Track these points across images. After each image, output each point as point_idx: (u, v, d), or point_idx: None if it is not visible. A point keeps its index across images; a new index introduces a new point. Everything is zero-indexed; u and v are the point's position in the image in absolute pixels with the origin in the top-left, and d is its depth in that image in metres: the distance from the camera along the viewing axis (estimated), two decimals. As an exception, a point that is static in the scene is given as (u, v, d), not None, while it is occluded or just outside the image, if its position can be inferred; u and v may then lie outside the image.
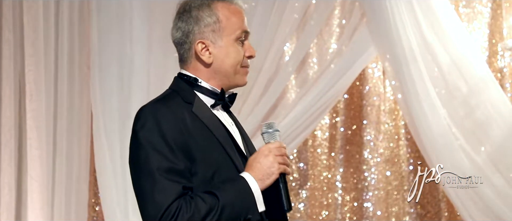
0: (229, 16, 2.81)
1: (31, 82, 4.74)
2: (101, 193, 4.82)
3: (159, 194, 2.62)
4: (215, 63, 2.81)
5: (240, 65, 2.83)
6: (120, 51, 4.83)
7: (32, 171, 4.72)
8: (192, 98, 2.79)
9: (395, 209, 5.19)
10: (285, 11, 4.92)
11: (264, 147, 2.75)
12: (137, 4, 4.83)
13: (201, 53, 2.80)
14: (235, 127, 2.90)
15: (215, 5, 2.81)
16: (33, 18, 4.74)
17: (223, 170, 2.71)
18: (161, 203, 2.61)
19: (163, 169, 2.63)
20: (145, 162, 2.65)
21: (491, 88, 4.91)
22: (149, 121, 2.69)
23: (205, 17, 2.79)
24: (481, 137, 4.90)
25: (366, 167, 5.21)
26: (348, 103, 5.25)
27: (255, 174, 2.71)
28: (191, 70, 2.84)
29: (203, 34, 2.80)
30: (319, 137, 5.22)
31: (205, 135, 2.72)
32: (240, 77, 2.86)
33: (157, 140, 2.65)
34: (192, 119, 2.73)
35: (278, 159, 2.72)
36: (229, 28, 2.81)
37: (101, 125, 4.80)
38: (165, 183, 2.62)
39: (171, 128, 2.67)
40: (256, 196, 2.70)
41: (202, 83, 2.82)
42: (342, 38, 5.05)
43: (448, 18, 4.93)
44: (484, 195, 4.81)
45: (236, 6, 2.85)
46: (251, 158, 2.75)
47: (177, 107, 2.73)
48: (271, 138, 2.78)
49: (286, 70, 4.97)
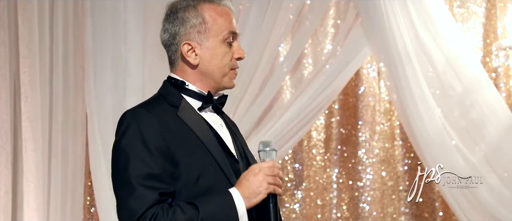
0: (215, 17, 2.80)
1: (26, 84, 4.73)
2: (96, 194, 4.81)
3: (134, 201, 2.59)
4: (202, 64, 2.80)
5: (228, 67, 2.82)
6: (115, 53, 4.83)
7: (28, 173, 4.72)
8: (178, 102, 2.77)
9: (391, 210, 5.19)
10: (279, 12, 4.92)
11: (255, 165, 2.73)
12: (131, 6, 4.83)
13: (187, 54, 2.79)
14: (226, 127, 2.89)
15: (201, 6, 2.80)
16: (27, 20, 4.74)
17: (208, 173, 2.69)
18: (136, 210, 2.58)
19: (141, 175, 2.61)
20: (124, 168, 2.64)
21: (485, 88, 4.92)
22: (130, 126, 2.68)
23: (191, 18, 2.78)
24: (476, 137, 4.90)
25: (362, 168, 5.21)
26: (343, 103, 5.25)
27: (243, 191, 2.68)
28: (179, 72, 2.83)
29: (189, 35, 2.79)
30: (315, 137, 5.22)
31: (189, 138, 2.71)
32: (227, 80, 2.83)
33: (137, 146, 2.64)
34: (176, 122, 2.72)
35: (268, 178, 2.69)
36: (215, 29, 2.79)
37: (95, 126, 4.80)
38: (141, 190, 2.59)
39: (152, 133, 2.65)
40: (240, 214, 2.66)
41: (189, 86, 2.81)
42: (337, 39, 5.05)
43: (443, 18, 4.93)
44: (479, 194, 4.82)
45: (224, 7, 2.83)
46: (242, 175, 2.73)
47: (160, 112, 2.72)
48: (267, 156, 2.76)
49: (281, 70, 4.97)
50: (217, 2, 2.82)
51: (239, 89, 4.86)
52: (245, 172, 2.72)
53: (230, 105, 4.82)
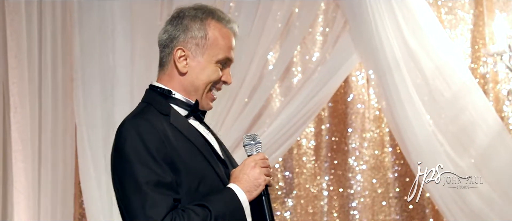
0: (217, 38, 2.81)
1: (15, 94, 4.73)
2: (86, 204, 4.80)
3: (151, 209, 2.59)
4: (189, 75, 2.80)
5: (212, 84, 2.84)
6: (103, 63, 4.83)
7: (18, 183, 4.71)
8: (168, 110, 2.78)
9: (381, 216, 5.19)
10: (267, 20, 4.93)
11: (249, 159, 2.77)
12: (119, 16, 4.83)
13: (178, 60, 2.79)
14: (211, 134, 2.91)
15: (208, 22, 2.80)
16: (16, 31, 4.74)
17: (207, 179, 2.71)
18: (154, 217, 2.59)
19: (152, 182, 2.61)
20: (132, 176, 2.63)
21: (474, 94, 4.93)
22: (131, 135, 2.67)
23: (194, 29, 2.79)
24: (465, 142, 4.92)
25: (352, 175, 5.22)
26: (332, 111, 5.26)
27: (243, 185, 2.72)
28: (166, 78, 2.83)
29: (186, 44, 2.79)
30: (304, 145, 5.22)
31: (185, 146, 2.72)
32: (206, 100, 2.85)
33: (142, 154, 2.64)
34: (172, 130, 2.72)
35: (263, 170, 2.75)
36: (213, 49, 2.80)
37: (85, 137, 4.80)
38: (156, 197, 2.60)
39: (154, 141, 2.66)
40: (245, 207, 2.71)
41: (176, 95, 2.82)
42: (325, 46, 5.07)
43: (431, 25, 4.95)
44: (468, 199, 4.83)
45: (230, 30, 2.83)
46: (236, 169, 2.77)
47: (156, 120, 2.72)
48: (254, 150, 2.81)
49: (270, 79, 4.98)
50: (225, 23, 2.83)
51: (228, 97, 4.87)
52: (240, 166, 2.76)
53: (219, 113, 4.82)
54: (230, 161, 2.89)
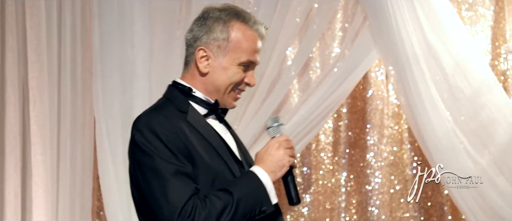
0: (240, 40, 2.82)
1: (34, 88, 4.75)
2: (104, 198, 4.82)
3: (173, 194, 2.63)
4: (210, 75, 2.83)
5: (234, 85, 2.84)
6: (122, 56, 4.84)
7: (37, 177, 4.73)
8: (186, 108, 2.81)
9: (400, 213, 5.17)
10: (287, 15, 4.91)
11: (273, 140, 2.81)
12: (138, 10, 4.84)
13: (200, 60, 2.82)
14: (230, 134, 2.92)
15: (231, 23, 2.82)
16: (35, 25, 4.76)
17: (222, 176, 2.75)
18: (176, 203, 2.62)
19: (170, 171, 2.65)
20: (152, 166, 2.68)
21: (494, 91, 4.90)
22: (147, 129, 2.71)
23: (217, 31, 2.82)
24: (484, 140, 4.88)
25: (370, 171, 5.20)
26: (351, 107, 5.24)
27: (267, 166, 2.75)
28: (188, 76, 2.86)
29: (208, 45, 2.82)
30: (323, 141, 5.21)
31: (201, 143, 2.75)
32: (229, 99, 2.87)
33: (159, 146, 2.68)
34: (188, 127, 2.76)
35: (288, 151, 2.78)
36: (236, 51, 2.82)
37: (103, 130, 4.81)
38: (176, 183, 2.64)
39: (170, 135, 2.70)
40: (268, 188, 2.74)
41: (196, 93, 2.84)
42: (344, 42, 5.04)
43: (451, 21, 4.92)
44: (488, 197, 4.80)
45: (254, 32, 2.84)
46: (260, 151, 2.80)
47: (172, 116, 2.76)
48: (277, 132, 2.85)
49: (288, 74, 4.97)
50: (250, 24, 2.84)
51: (246, 93, 4.84)
52: (264, 148, 2.80)
53: (238, 109, 4.82)
54: (246, 161, 2.91)
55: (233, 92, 2.87)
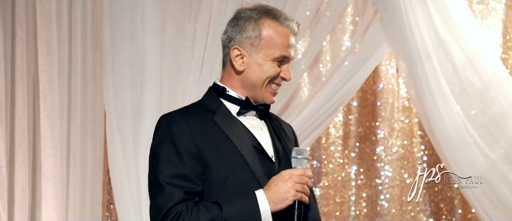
0: (272, 36, 2.88)
1: (44, 81, 4.75)
2: (115, 192, 4.82)
3: (161, 198, 2.73)
4: (246, 72, 2.89)
5: (270, 80, 2.88)
6: (132, 50, 4.84)
7: (46, 170, 4.73)
8: (216, 107, 2.89)
9: (410, 207, 5.17)
10: (297, 8, 4.90)
11: (287, 171, 2.81)
12: (149, 4, 4.83)
13: (235, 59, 2.90)
14: (267, 131, 2.95)
15: (262, 21, 2.89)
16: (46, 17, 4.75)
17: (237, 174, 2.79)
18: (162, 207, 2.72)
19: (169, 175, 2.74)
20: (154, 170, 2.79)
21: (505, 85, 4.88)
22: (162, 129, 2.83)
23: (249, 29, 2.88)
24: (495, 133, 4.87)
25: (380, 165, 5.19)
26: (361, 101, 5.23)
27: (270, 195, 2.76)
28: (226, 76, 2.94)
29: (242, 44, 2.89)
30: (333, 135, 5.20)
31: (221, 142, 2.81)
32: (266, 94, 2.92)
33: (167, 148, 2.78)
34: (210, 127, 2.83)
35: (296, 186, 2.77)
36: (268, 48, 2.88)
37: (114, 123, 4.81)
38: (168, 189, 2.73)
39: (183, 138, 2.78)
40: (264, 216, 2.74)
41: (230, 92, 2.92)
42: (355, 36, 5.03)
43: (462, 15, 4.90)
44: (499, 191, 4.79)
45: (286, 28, 2.91)
46: (272, 178, 2.81)
47: (195, 116, 2.85)
48: (298, 164, 2.85)
49: (299, 67, 4.96)
50: (281, 21, 2.91)
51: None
52: (276, 176, 2.81)
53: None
54: (287, 159, 2.92)
55: (270, 87, 2.91)
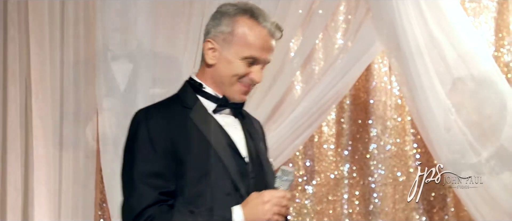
0: (245, 35, 2.85)
1: (37, 81, 4.73)
2: (107, 190, 4.82)
3: (134, 199, 2.72)
4: (217, 67, 2.87)
5: (238, 78, 2.84)
6: (125, 48, 4.82)
7: (39, 171, 4.73)
8: (193, 103, 2.84)
9: (402, 205, 5.17)
10: (290, 6, 4.89)
11: (268, 192, 2.82)
12: (142, 2, 4.82)
13: (207, 52, 2.85)
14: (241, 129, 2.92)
15: (237, 18, 2.86)
16: (38, 16, 4.74)
17: (212, 172, 2.78)
18: (134, 208, 2.71)
19: (143, 173, 2.72)
20: (129, 167, 2.76)
21: (498, 83, 4.88)
22: (140, 125, 2.79)
23: (223, 24, 2.87)
24: (488, 132, 4.88)
25: (373, 163, 5.20)
26: (354, 99, 5.23)
27: (247, 212, 2.78)
28: (201, 70, 2.91)
29: (215, 37, 2.88)
30: (326, 133, 5.21)
31: (196, 139, 2.79)
32: (235, 92, 2.88)
33: (143, 145, 2.75)
34: (186, 123, 2.80)
35: (274, 209, 2.79)
36: (240, 45, 2.84)
37: (106, 122, 4.80)
38: (142, 189, 2.71)
39: (159, 133, 2.76)
40: None
41: (206, 89, 2.87)
42: (348, 34, 5.03)
43: (454, 13, 4.90)
44: (491, 189, 4.80)
45: (263, 29, 2.87)
46: (253, 195, 2.82)
47: (172, 112, 2.81)
48: (281, 185, 2.86)
49: (291, 66, 4.95)
50: (259, 21, 2.87)
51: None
52: (257, 195, 2.81)
53: (240, 101, 4.80)
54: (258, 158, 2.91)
55: (238, 85, 2.87)
